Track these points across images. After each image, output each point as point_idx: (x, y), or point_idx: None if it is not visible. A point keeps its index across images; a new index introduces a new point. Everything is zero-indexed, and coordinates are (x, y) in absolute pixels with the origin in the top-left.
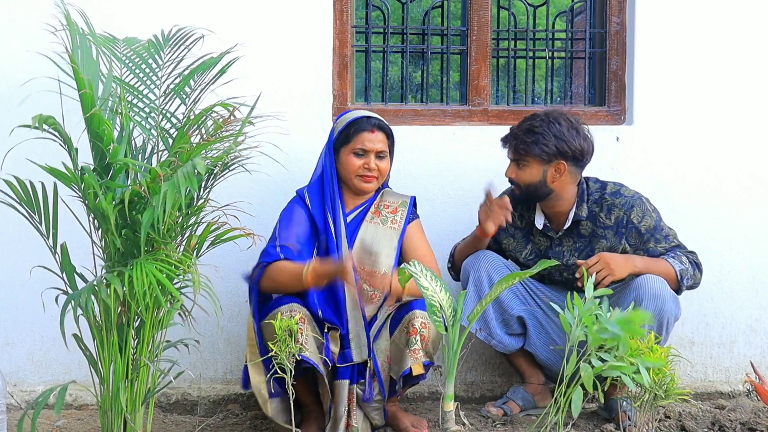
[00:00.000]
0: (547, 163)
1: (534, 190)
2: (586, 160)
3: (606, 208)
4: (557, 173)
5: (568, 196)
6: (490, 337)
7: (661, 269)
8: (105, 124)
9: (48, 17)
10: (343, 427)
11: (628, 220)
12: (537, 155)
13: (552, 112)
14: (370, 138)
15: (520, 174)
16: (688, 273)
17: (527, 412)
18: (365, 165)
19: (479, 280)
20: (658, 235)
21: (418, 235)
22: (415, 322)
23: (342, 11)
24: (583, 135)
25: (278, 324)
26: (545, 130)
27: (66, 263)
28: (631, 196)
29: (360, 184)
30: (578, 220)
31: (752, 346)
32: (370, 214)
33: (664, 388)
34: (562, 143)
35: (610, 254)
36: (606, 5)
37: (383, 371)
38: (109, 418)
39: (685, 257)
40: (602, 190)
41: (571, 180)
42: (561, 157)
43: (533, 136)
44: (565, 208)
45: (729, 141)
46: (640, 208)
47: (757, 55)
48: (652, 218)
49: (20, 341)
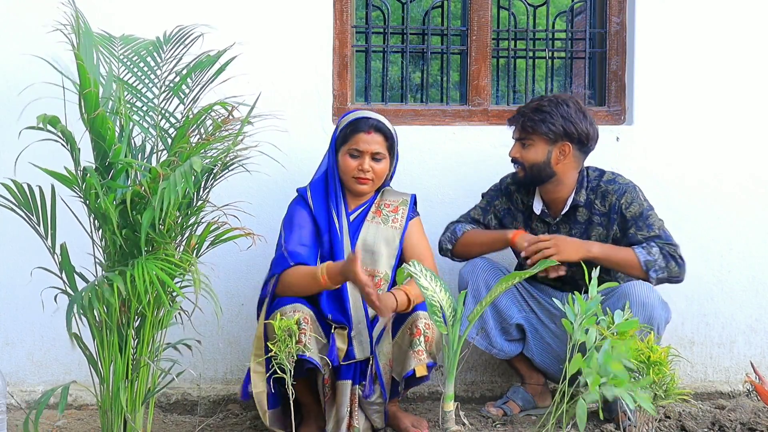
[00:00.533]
0: (552, 143)
1: (537, 171)
2: (590, 145)
3: (601, 194)
4: (561, 155)
5: (569, 181)
6: (490, 346)
7: (622, 257)
8: (108, 124)
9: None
10: (345, 427)
11: (619, 205)
12: (543, 133)
13: (560, 94)
14: (366, 139)
15: (525, 153)
16: (656, 264)
17: (527, 412)
18: (359, 166)
19: (477, 290)
20: (640, 222)
21: (418, 233)
22: (419, 323)
23: (342, 11)
24: (589, 120)
25: (278, 324)
26: (553, 109)
27: (66, 263)
28: (625, 184)
29: (354, 185)
30: (576, 205)
31: (752, 346)
32: (372, 213)
33: (664, 388)
34: (569, 124)
35: (564, 237)
36: (606, 5)
37: (385, 373)
38: (109, 418)
39: (657, 248)
40: (599, 178)
41: (574, 164)
42: (566, 138)
43: (541, 115)
44: (564, 194)
45: (729, 141)
46: (630, 194)
47: (757, 55)
48: (641, 206)
49: (20, 341)
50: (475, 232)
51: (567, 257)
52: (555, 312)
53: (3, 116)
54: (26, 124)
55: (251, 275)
